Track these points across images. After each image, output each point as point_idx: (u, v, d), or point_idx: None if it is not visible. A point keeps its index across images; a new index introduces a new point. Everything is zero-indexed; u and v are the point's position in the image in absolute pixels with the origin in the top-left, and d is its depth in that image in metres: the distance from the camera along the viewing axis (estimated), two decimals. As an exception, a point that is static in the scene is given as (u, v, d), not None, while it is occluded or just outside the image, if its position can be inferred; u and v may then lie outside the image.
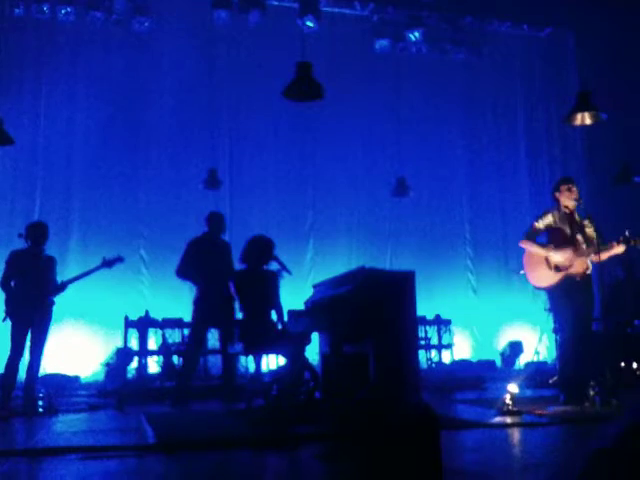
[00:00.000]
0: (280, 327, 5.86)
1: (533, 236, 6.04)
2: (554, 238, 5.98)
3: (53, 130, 9.70)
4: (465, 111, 11.43)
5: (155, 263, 9.66)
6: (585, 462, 1.85)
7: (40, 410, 6.06)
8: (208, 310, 6.89)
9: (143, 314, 8.54)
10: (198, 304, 6.97)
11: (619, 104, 8.97)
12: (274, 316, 5.97)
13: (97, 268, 6.65)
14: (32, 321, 6.36)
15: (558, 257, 5.83)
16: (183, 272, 7.04)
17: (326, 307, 5.36)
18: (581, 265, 5.80)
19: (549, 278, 5.88)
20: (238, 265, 6.18)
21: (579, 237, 5.87)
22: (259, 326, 5.69)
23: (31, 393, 6.31)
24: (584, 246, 5.82)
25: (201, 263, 6.97)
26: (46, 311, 6.48)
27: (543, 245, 5.97)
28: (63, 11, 9.60)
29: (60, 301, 6.69)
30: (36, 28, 9.77)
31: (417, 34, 10.68)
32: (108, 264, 6.68)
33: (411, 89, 10.88)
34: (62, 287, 6.54)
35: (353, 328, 4.90)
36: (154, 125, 10.00)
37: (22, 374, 6.44)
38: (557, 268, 5.84)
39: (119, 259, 6.78)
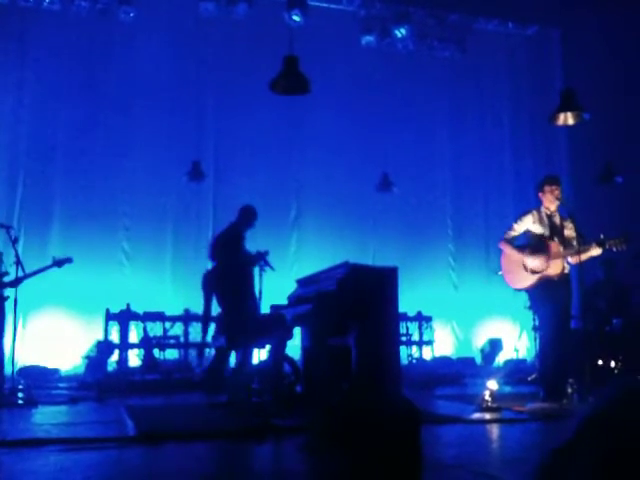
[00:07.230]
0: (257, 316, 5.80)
1: (512, 237, 6.07)
2: (531, 240, 6.02)
3: (37, 119, 9.59)
4: (450, 108, 11.45)
5: (137, 255, 9.59)
6: (545, 457, 1.88)
7: (20, 402, 6.02)
8: None
9: (124, 307, 8.51)
10: None
11: (604, 103, 9.01)
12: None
13: (47, 267, 6.74)
14: None
15: (532, 262, 5.87)
16: None
17: (309, 301, 5.37)
18: (557, 266, 5.83)
19: (526, 280, 5.92)
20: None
21: (556, 239, 5.89)
22: (237, 320, 5.66)
23: None
24: (560, 248, 5.84)
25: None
26: None
27: (520, 249, 6.01)
28: (48, -1, 9.52)
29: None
30: (20, 16, 9.65)
31: (403, 30, 10.67)
32: (58, 264, 6.77)
33: (397, 85, 10.87)
34: (16, 282, 6.48)
35: (336, 322, 4.92)
36: (138, 116, 9.90)
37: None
38: (534, 270, 5.88)
39: (68, 260, 6.86)
